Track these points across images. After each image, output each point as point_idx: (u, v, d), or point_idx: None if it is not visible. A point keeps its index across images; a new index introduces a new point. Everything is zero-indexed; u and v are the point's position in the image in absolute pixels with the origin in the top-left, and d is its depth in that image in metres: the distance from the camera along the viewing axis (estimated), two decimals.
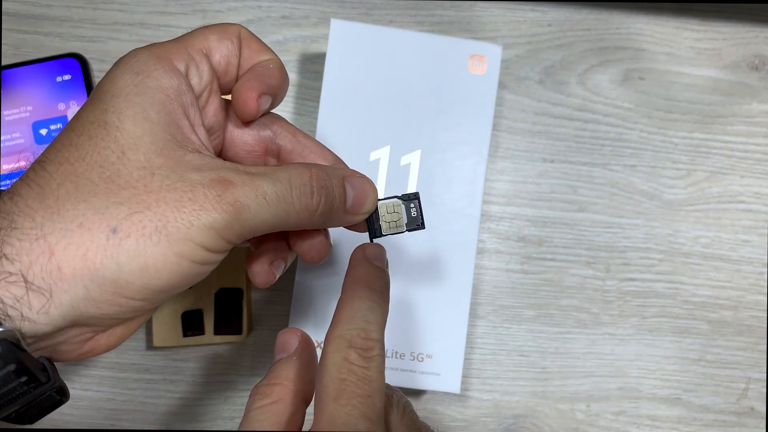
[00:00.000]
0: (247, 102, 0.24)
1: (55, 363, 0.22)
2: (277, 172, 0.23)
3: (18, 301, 0.19)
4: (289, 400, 0.22)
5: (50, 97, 0.39)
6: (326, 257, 0.27)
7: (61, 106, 0.39)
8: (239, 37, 0.25)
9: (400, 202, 0.27)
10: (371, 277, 0.24)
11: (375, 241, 0.27)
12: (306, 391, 0.23)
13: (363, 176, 0.26)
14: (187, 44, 0.24)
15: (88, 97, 0.40)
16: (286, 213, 0.22)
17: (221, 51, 0.25)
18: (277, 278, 0.27)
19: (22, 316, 0.19)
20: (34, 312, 0.19)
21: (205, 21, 0.41)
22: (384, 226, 0.27)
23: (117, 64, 0.23)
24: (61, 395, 0.22)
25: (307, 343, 0.24)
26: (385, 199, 0.27)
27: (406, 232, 0.27)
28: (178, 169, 0.21)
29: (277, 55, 0.26)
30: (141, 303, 0.21)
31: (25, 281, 0.19)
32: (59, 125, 0.39)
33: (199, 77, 0.24)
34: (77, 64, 0.39)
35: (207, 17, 0.41)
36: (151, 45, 0.23)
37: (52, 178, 0.21)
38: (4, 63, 0.40)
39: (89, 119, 0.22)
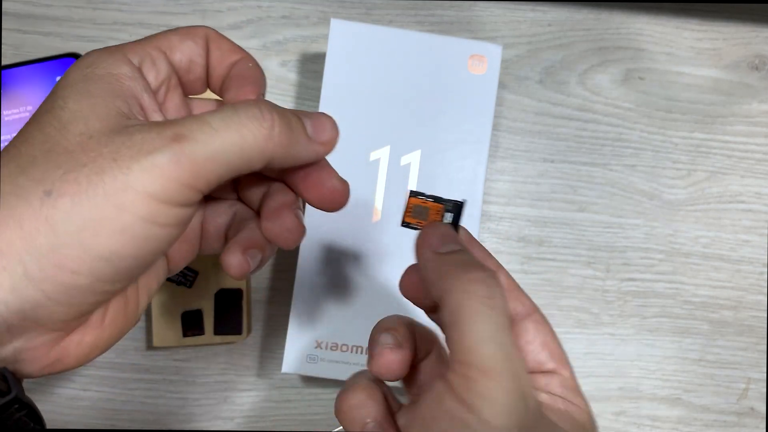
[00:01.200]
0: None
1: (25, 380, 0.20)
2: (220, 107, 0.21)
3: None
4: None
5: None
6: (300, 239, 0.25)
7: None
8: (206, 38, 0.25)
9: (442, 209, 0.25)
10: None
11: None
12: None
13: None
14: (145, 43, 0.23)
15: None
16: (239, 136, 0.20)
17: (182, 50, 0.24)
18: (254, 269, 0.25)
19: None
20: None
21: (205, 21, 0.41)
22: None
23: (73, 63, 0.22)
24: (34, 421, 0.19)
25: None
26: (432, 199, 0.25)
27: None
28: (117, 128, 0.20)
29: (248, 54, 0.25)
30: (88, 280, 0.19)
31: None
32: None
33: (156, 72, 0.23)
34: None
35: (207, 17, 0.41)
36: (109, 46, 0.23)
37: None
38: (4, 63, 0.40)
39: (39, 111, 0.21)
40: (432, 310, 0.24)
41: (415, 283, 0.24)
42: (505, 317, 0.20)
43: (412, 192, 0.24)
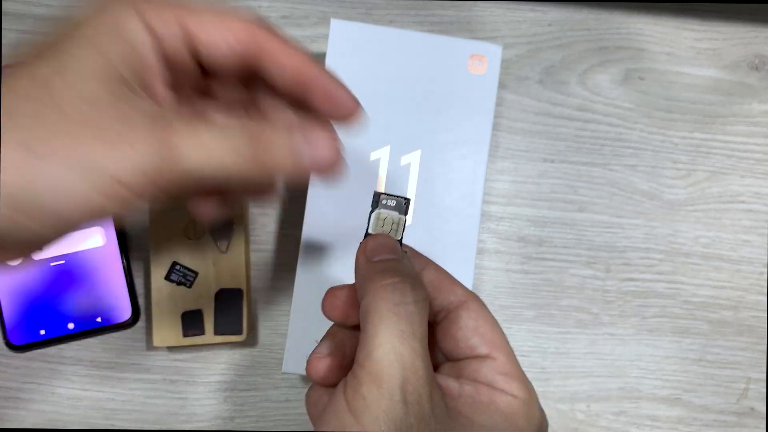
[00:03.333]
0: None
1: None
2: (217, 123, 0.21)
3: None
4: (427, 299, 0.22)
5: None
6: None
7: None
8: (252, 35, 0.22)
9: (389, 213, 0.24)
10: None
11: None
12: None
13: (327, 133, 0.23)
14: (168, 9, 0.21)
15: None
16: (221, 162, 0.20)
17: (212, 38, 0.22)
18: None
19: None
20: None
21: None
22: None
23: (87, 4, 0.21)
24: None
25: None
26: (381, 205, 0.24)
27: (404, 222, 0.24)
28: (113, 97, 0.20)
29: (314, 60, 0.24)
30: (35, 227, 0.19)
31: None
32: None
33: (174, 50, 0.22)
34: None
35: None
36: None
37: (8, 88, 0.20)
38: (4, 63, 0.40)
39: (48, 43, 0.21)
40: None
41: (337, 306, 0.24)
42: (413, 324, 0.20)
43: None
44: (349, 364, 0.22)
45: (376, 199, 0.24)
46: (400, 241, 0.24)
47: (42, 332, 0.38)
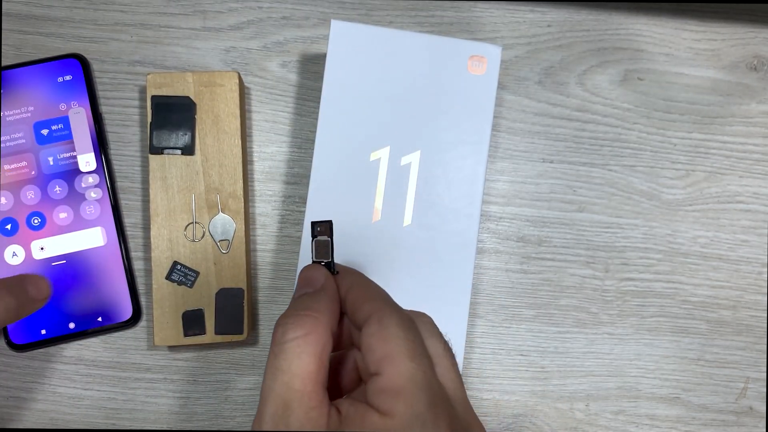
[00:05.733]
0: None
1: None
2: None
3: None
4: (322, 332, 0.22)
5: (51, 97, 0.39)
6: None
7: (63, 106, 0.39)
8: None
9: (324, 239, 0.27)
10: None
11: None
12: (333, 324, 0.23)
13: None
14: None
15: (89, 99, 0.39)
16: None
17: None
18: None
19: None
20: None
21: (206, 22, 0.41)
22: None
23: None
24: None
25: (332, 279, 0.25)
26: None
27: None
28: None
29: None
30: None
31: None
32: (60, 125, 0.39)
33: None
34: (78, 64, 0.40)
35: (207, 18, 0.41)
36: None
37: None
38: (5, 63, 0.40)
39: None
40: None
41: None
42: (289, 360, 0.21)
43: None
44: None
45: (312, 228, 0.26)
46: (331, 263, 0.26)
47: (43, 332, 0.38)
